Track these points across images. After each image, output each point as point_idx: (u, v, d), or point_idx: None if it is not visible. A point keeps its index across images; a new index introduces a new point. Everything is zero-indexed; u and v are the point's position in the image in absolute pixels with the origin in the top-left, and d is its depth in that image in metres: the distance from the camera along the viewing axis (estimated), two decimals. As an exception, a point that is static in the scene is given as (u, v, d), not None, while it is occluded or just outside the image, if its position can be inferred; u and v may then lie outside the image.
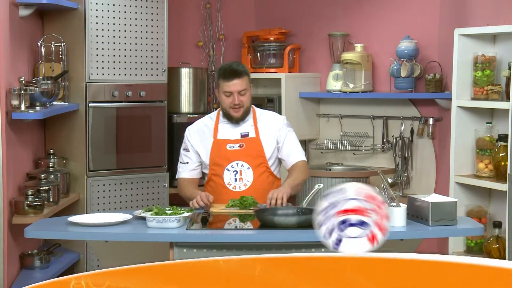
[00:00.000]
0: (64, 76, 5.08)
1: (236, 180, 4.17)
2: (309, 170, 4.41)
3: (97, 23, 5.18)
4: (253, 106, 4.33)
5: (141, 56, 5.44)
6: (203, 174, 4.31)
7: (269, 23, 6.39)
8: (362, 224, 2.17)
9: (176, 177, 4.37)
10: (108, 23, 5.25)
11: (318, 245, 3.42)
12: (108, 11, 5.24)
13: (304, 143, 5.97)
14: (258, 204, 3.96)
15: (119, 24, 5.31)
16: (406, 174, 5.50)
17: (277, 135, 4.25)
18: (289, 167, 4.27)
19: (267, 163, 4.20)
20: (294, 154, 4.26)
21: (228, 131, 4.24)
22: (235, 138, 4.22)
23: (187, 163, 4.28)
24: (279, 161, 4.30)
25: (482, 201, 4.83)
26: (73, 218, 3.66)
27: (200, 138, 4.26)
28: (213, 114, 4.34)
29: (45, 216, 4.41)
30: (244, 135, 4.23)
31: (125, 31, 5.34)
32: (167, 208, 3.63)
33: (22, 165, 4.71)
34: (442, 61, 5.34)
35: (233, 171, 4.18)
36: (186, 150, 4.30)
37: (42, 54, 5.00)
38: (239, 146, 4.19)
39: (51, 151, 5.06)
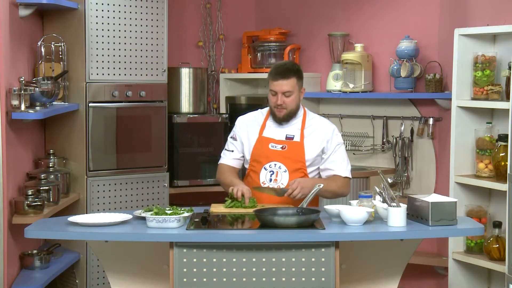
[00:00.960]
0: (64, 76, 5.08)
1: (271, 180, 4.16)
2: (348, 189, 4.27)
3: (97, 23, 5.18)
4: (305, 109, 4.31)
5: (141, 56, 5.44)
6: (243, 168, 4.33)
7: (269, 23, 6.39)
8: None
9: (219, 162, 4.37)
10: (108, 23, 5.25)
11: (318, 245, 3.45)
12: (108, 11, 5.24)
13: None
14: (283, 188, 4.04)
15: (119, 24, 5.31)
16: (406, 174, 5.50)
17: (324, 145, 4.20)
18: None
19: (306, 169, 4.18)
20: (336, 170, 4.21)
21: (274, 130, 4.23)
22: (280, 138, 4.20)
23: (232, 151, 4.29)
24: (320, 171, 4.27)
25: (482, 201, 4.83)
26: (73, 218, 3.67)
27: (247, 131, 4.27)
28: (265, 110, 4.33)
29: (45, 216, 4.41)
30: (289, 138, 4.20)
31: (125, 31, 5.34)
32: (167, 208, 3.64)
33: (22, 165, 4.71)
34: (442, 61, 5.34)
35: (270, 171, 4.17)
36: (234, 138, 4.31)
37: (42, 54, 5.00)
38: (281, 148, 4.18)
39: (51, 151, 5.06)
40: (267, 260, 3.45)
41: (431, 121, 5.44)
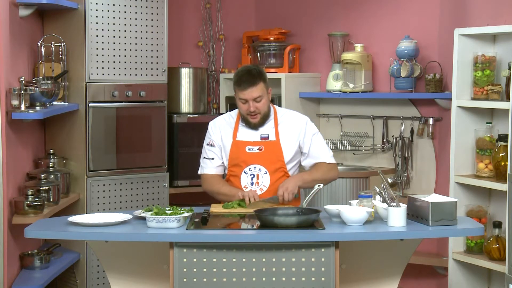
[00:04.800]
0: (64, 76, 5.08)
1: (252, 184, 4.15)
2: (335, 172, 4.23)
3: (97, 23, 5.18)
4: (275, 106, 4.28)
5: (141, 56, 5.44)
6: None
7: (269, 23, 6.39)
8: None
9: (200, 172, 4.29)
10: (108, 23, 5.25)
11: (318, 245, 3.45)
12: (108, 11, 5.24)
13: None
14: (274, 196, 4.02)
15: (119, 24, 5.31)
16: (406, 174, 5.50)
17: (300, 139, 4.19)
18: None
19: (286, 167, 4.17)
20: (319, 158, 4.20)
21: (248, 133, 4.19)
22: (255, 140, 4.17)
23: (213, 158, 4.22)
24: (300, 165, 4.26)
25: (482, 201, 4.83)
26: (73, 218, 3.67)
27: (221, 136, 4.22)
28: (234, 113, 4.28)
29: (45, 216, 4.41)
30: (264, 137, 4.18)
31: (125, 31, 5.34)
32: (167, 208, 3.63)
33: (22, 165, 4.71)
34: (442, 61, 5.34)
35: (250, 175, 4.15)
36: (212, 145, 4.23)
37: (42, 54, 5.00)
38: (258, 149, 4.16)
39: (51, 151, 5.06)
40: (267, 260, 3.45)
41: (431, 121, 5.44)
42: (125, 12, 5.34)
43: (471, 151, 4.81)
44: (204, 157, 4.27)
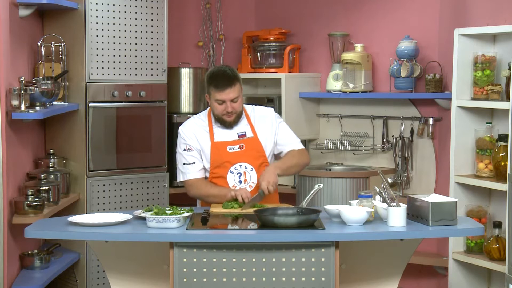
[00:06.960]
0: (64, 76, 5.08)
1: (241, 182, 4.14)
2: (307, 157, 4.31)
3: (97, 23, 5.18)
4: None
5: (141, 56, 5.44)
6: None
7: (269, 23, 6.39)
8: None
9: (182, 179, 4.24)
10: (108, 23, 5.25)
11: (318, 245, 3.45)
12: (108, 11, 5.24)
13: (304, 143, 5.96)
14: (259, 191, 4.00)
15: (119, 24, 5.32)
16: (406, 174, 5.50)
17: (273, 130, 4.23)
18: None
19: (268, 161, 4.20)
20: (288, 145, 4.25)
21: (225, 133, 4.19)
22: (233, 139, 4.18)
23: (194, 163, 4.18)
24: (275, 156, 4.29)
25: (482, 201, 4.83)
26: (73, 218, 3.66)
27: (197, 140, 4.20)
28: (203, 115, 4.27)
29: (45, 216, 4.41)
30: (242, 135, 4.20)
31: (125, 31, 5.35)
32: (167, 208, 3.64)
33: (22, 165, 4.71)
34: (442, 61, 5.34)
35: (237, 173, 4.15)
36: (189, 150, 4.19)
37: (42, 54, 5.00)
38: (239, 148, 4.16)
39: (51, 151, 5.06)
40: (267, 260, 3.45)
41: (431, 121, 5.44)
42: (125, 12, 5.34)
43: (471, 151, 4.81)
44: (184, 163, 4.20)
